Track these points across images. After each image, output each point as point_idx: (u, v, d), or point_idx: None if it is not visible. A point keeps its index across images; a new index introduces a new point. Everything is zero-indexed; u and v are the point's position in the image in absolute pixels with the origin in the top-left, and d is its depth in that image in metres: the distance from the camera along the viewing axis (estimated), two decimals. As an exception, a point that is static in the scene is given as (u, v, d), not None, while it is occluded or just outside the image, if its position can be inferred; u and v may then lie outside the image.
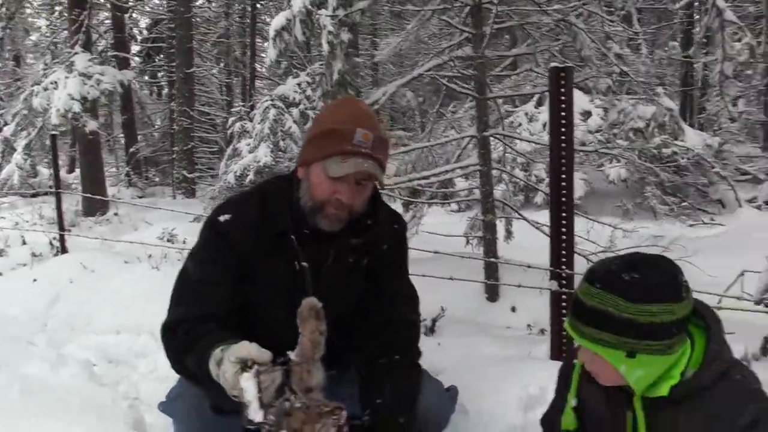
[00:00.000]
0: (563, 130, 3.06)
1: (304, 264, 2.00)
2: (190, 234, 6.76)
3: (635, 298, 1.45)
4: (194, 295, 1.96)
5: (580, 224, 4.07)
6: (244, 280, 2.00)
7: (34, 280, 5.13)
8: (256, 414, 1.52)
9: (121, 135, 19.74)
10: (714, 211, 10.90)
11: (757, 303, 2.88)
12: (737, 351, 1.76)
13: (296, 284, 2.02)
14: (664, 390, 1.52)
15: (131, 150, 17.39)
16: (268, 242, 1.99)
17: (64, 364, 3.36)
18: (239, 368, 1.60)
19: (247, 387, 1.55)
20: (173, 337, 1.93)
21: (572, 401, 1.72)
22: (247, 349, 1.62)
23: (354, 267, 2.09)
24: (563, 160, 3.07)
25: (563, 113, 3.06)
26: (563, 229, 3.08)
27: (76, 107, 10.36)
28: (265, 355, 1.62)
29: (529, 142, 5.66)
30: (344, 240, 2.02)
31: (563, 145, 3.07)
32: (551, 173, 3.13)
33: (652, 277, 1.47)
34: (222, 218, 2.00)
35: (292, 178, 2.03)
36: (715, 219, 10.28)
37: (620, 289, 1.46)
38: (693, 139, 10.84)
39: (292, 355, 1.66)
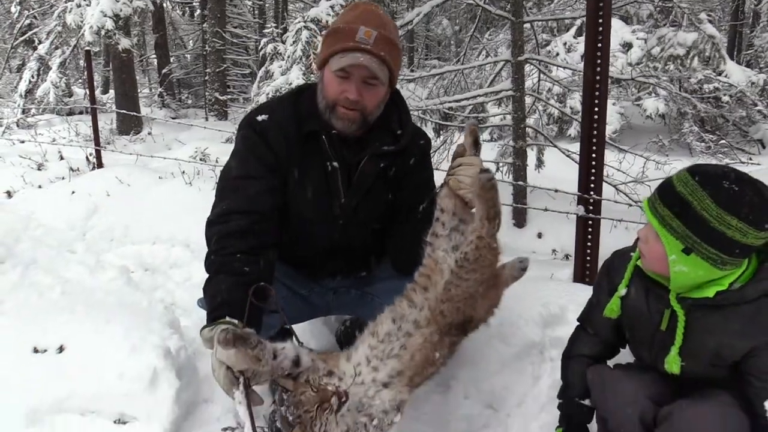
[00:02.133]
0: (599, 54, 3.01)
1: (335, 164, 2.07)
2: (222, 153, 6.86)
3: (722, 203, 1.47)
4: (236, 191, 2.03)
5: (611, 156, 4.04)
6: (281, 179, 2.08)
7: (73, 192, 5.30)
8: None
9: (154, 56, 19.71)
10: (753, 150, 10.62)
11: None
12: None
13: (329, 185, 2.09)
14: (710, 293, 1.58)
15: (164, 71, 17.39)
16: (301, 142, 2.06)
17: (102, 269, 3.52)
18: (230, 378, 1.68)
19: (241, 412, 1.65)
20: (214, 233, 2.00)
21: (622, 291, 1.78)
22: (227, 356, 1.67)
23: (383, 174, 2.14)
24: (598, 85, 3.02)
25: (600, 36, 3.00)
26: (593, 155, 3.07)
27: (109, 24, 10.37)
28: (244, 363, 1.66)
29: (564, 68, 5.53)
30: (376, 146, 2.07)
31: (598, 69, 3.02)
32: (584, 96, 3.10)
33: (746, 196, 1.47)
34: (260, 118, 2.07)
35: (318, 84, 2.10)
36: (754, 159, 10.02)
37: (714, 189, 1.48)
38: (737, 74, 10.45)
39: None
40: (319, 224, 2.14)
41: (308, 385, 1.70)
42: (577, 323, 2.04)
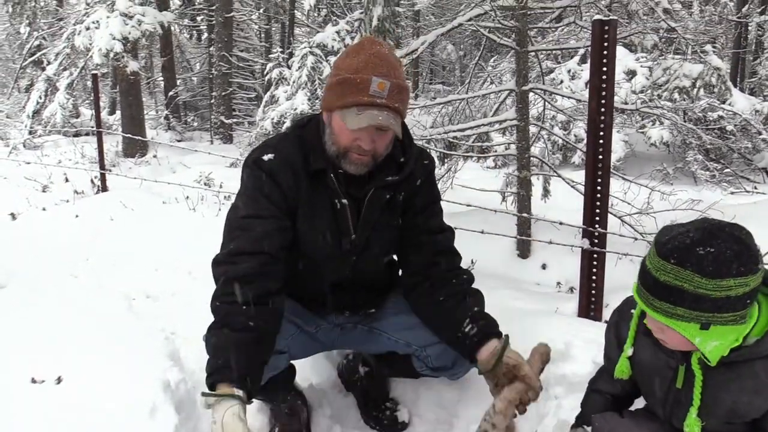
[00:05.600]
0: (604, 86, 3.01)
1: (345, 201, 2.06)
2: (227, 178, 6.88)
3: (711, 274, 1.40)
4: (244, 230, 2.02)
5: (616, 185, 4.03)
6: (289, 218, 2.07)
7: (76, 216, 5.30)
8: None
9: (161, 78, 19.88)
10: (758, 179, 10.58)
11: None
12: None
13: (338, 222, 2.08)
14: (725, 352, 1.52)
15: (170, 93, 17.53)
16: (309, 181, 2.05)
17: (104, 295, 3.50)
18: None
19: None
20: (221, 273, 1.99)
21: (629, 351, 1.73)
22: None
23: (391, 203, 2.14)
24: (602, 117, 3.02)
25: (605, 68, 3.00)
26: (598, 187, 3.05)
27: (118, 47, 10.48)
28: None
29: (569, 98, 5.54)
30: (381, 178, 2.07)
31: (603, 101, 3.01)
32: (589, 127, 3.09)
33: (727, 251, 1.41)
34: (266, 157, 2.06)
35: (320, 119, 2.08)
36: (759, 188, 9.96)
37: (695, 264, 1.41)
38: (741, 103, 10.48)
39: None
40: (329, 261, 2.13)
41: None
42: (599, 377, 1.99)
